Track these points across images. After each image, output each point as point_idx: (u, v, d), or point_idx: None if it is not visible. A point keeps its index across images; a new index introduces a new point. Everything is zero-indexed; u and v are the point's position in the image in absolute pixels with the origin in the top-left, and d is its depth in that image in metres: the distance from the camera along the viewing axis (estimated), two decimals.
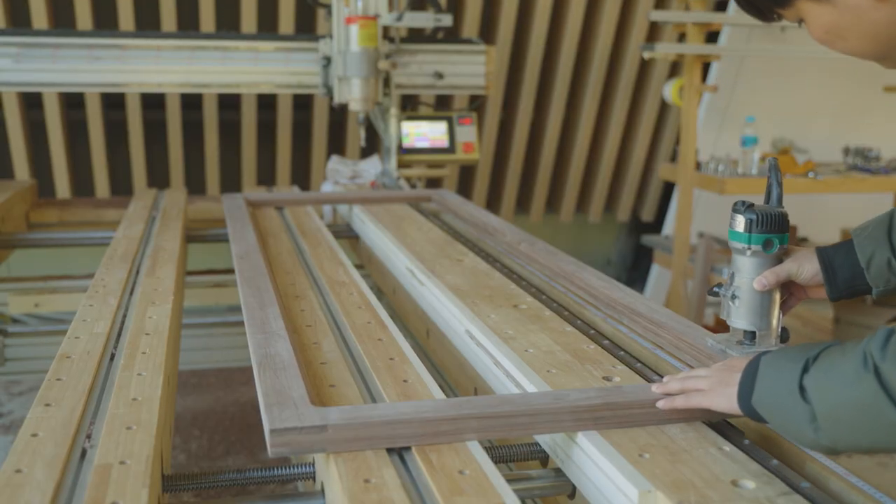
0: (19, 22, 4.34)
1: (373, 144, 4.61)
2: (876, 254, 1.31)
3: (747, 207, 1.32)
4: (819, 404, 1.00)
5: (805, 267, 1.34)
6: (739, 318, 1.36)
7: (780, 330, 1.37)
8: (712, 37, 4.83)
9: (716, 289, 1.40)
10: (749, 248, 1.32)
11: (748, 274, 1.34)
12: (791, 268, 1.34)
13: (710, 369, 1.20)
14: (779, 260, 1.35)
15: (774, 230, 1.31)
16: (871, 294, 1.33)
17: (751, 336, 1.37)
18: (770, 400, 1.06)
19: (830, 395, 0.99)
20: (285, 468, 1.22)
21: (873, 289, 1.33)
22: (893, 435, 0.96)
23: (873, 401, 0.95)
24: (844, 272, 1.33)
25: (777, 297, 1.35)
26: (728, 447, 1.15)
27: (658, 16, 4.14)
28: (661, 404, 1.20)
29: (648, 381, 1.37)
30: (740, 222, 1.32)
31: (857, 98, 5.20)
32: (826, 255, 1.34)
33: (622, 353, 1.52)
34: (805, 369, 1.03)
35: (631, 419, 1.21)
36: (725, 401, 1.13)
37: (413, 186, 3.48)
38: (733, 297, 1.36)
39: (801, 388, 1.02)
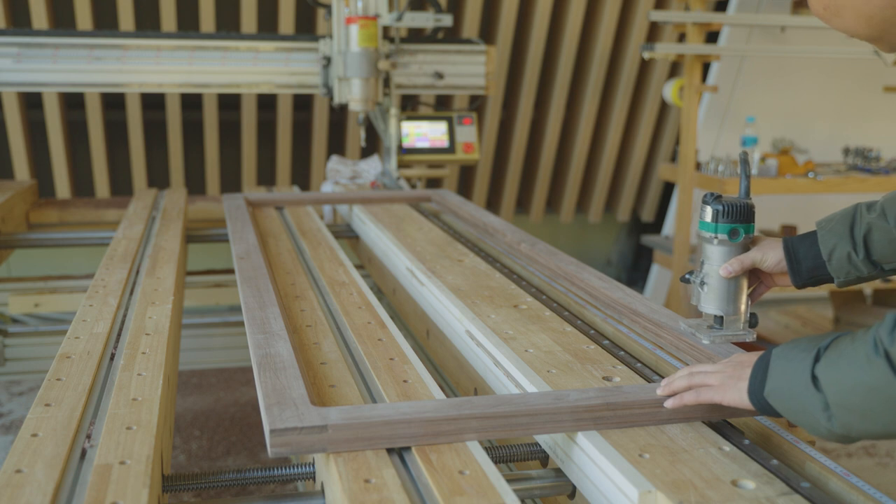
0: (20, 22, 4.34)
1: (373, 144, 4.62)
2: (837, 247, 1.37)
3: (715, 199, 1.39)
4: (831, 392, 1.01)
5: (769, 255, 1.40)
6: (708, 303, 1.43)
7: (748, 315, 1.43)
8: (712, 37, 4.83)
9: (687, 276, 1.46)
10: (716, 237, 1.40)
11: (716, 261, 1.41)
12: (756, 256, 1.40)
13: (716, 365, 1.21)
14: (745, 248, 1.41)
15: (740, 220, 1.38)
16: (833, 283, 1.40)
17: (719, 320, 1.43)
18: (783, 391, 1.07)
19: (842, 382, 1.00)
20: (285, 468, 1.22)
21: (835, 279, 1.39)
22: None
23: (884, 385, 0.96)
24: (808, 262, 1.39)
25: (744, 283, 1.42)
26: (728, 447, 1.15)
27: (658, 16, 4.14)
28: (669, 403, 1.20)
29: (648, 381, 1.37)
30: (708, 213, 1.40)
31: (858, 98, 5.21)
32: (791, 246, 1.40)
33: (622, 353, 1.52)
34: (816, 359, 1.04)
35: (631, 419, 1.21)
36: (737, 395, 1.14)
37: (413, 186, 3.48)
38: (702, 283, 1.43)
39: (814, 378, 1.03)
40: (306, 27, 4.67)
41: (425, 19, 3.41)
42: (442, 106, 4.81)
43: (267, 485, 2.90)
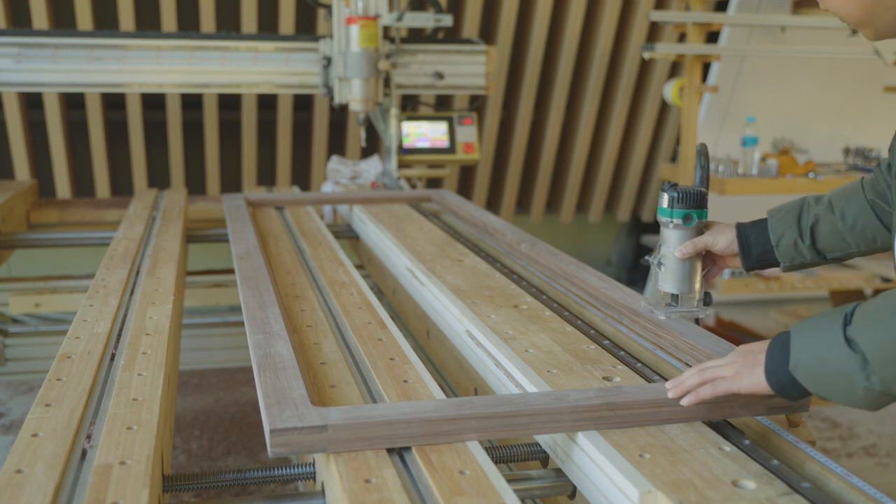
0: (20, 22, 4.34)
1: (373, 144, 4.62)
2: (785, 235, 1.50)
3: (671, 187, 1.51)
4: (870, 349, 1.02)
5: (719, 238, 1.52)
6: (665, 282, 1.55)
7: (702, 294, 1.55)
8: (712, 37, 4.83)
9: (647, 257, 1.58)
10: (672, 222, 1.52)
11: (672, 244, 1.53)
12: (708, 239, 1.52)
13: (724, 359, 1.22)
14: (699, 232, 1.53)
15: (693, 206, 1.50)
16: (779, 267, 1.52)
17: (675, 298, 1.55)
18: (811, 362, 1.09)
19: (881, 335, 1.02)
20: (286, 468, 1.22)
21: (781, 263, 1.52)
22: None
23: None
24: (758, 247, 1.52)
25: (698, 264, 1.54)
26: (728, 447, 1.15)
27: (658, 16, 4.14)
28: (686, 401, 1.20)
29: (649, 382, 1.37)
30: (665, 199, 1.52)
31: (858, 98, 5.21)
32: (743, 231, 1.52)
33: (622, 353, 1.52)
34: (846, 322, 1.06)
35: (631, 419, 1.21)
36: (754, 380, 1.15)
37: (413, 186, 3.48)
38: (660, 264, 1.55)
39: (848, 340, 1.05)
40: (306, 27, 4.67)
41: (425, 19, 3.41)
42: (442, 106, 4.81)
43: (267, 485, 2.90)
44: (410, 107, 4.19)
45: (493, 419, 1.17)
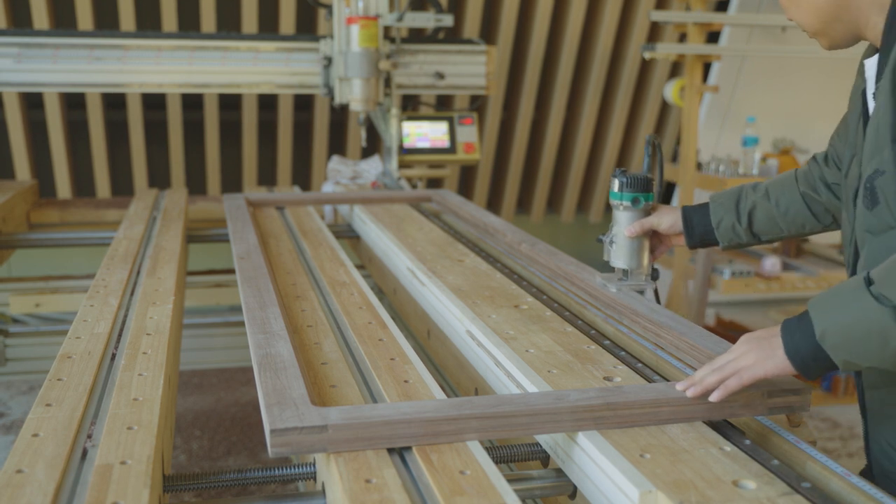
0: (20, 22, 4.34)
1: (373, 144, 4.62)
2: (725, 218, 1.65)
3: (622, 173, 1.68)
4: None
5: (664, 219, 1.68)
6: (617, 258, 1.72)
7: (650, 269, 1.71)
8: (713, 37, 4.83)
9: (601, 237, 1.74)
10: (622, 204, 1.68)
11: (622, 224, 1.69)
12: (653, 220, 1.68)
13: (735, 350, 1.22)
14: (646, 214, 1.69)
15: (640, 190, 1.67)
16: (719, 247, 1.69)
17: (626, 273, 1.72)
18: (840, 327, 1.11)
19: None
20: (286, 468, 1.22)
21: (720, 243, 1.68)
22: None
23: None
24: (700, 228, 1.68)
25: (646, 243, 1.70)
26: (729, 447, 1.15)
27: (659, 16, 4.14)
28: (715, 396, 1.21)
29: (649, 382, 1.37)
30: (615, 184, 1.69)
31: None
32: (687, 213, 1.69)
33: (623, 353, 1.52)
34: (869, 283, 1.11)
35: (631, 419, 1.21)
36: (778, 362, 1.17)
37: (414, 186, 3.48)
38: (612, 242, 1.71)
39: (876, 298, 1.08)
40: (307, 27, 4.67)
41: (426, 19, 3.41)
42: (443, 106, 4.81)
43: (268, 485, 2.90)
44: (411, 107, 4.18)
45: (493, 419, 1.17)
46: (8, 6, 4.23)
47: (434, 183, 4.66)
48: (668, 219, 1.68)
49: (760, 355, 1.19)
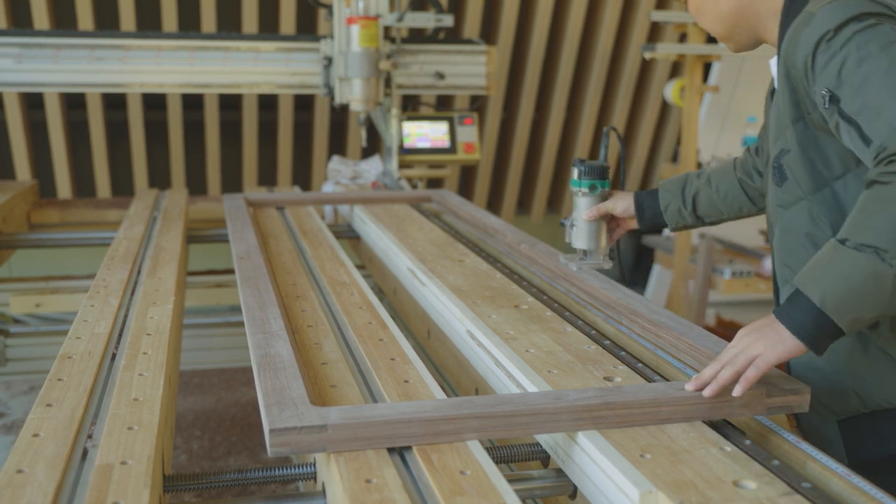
0: (21, 22, 4.34)
1: (374, 145, 4.62)
2: (671, 202, 1.81)
3: (580, 162, 1.83)
4: (877, 239, 1.16)
5: (619, 204, 1.83)
6: (577, 240, 1.87)
7: (608, 249, 1.88)
8: (713, 37, 4.83)
9: (563, 221, 1.90)
10: (581, 191, 1.83)
11: (581, 209, 1.84)
12: (609, 205, 1.83)
13: (738, 344, 1.25)
14: (603, 199, 1.83)
15: (596, 178, 1.82)
16: (667, 229, 1.84)
17: (585, 253, 1.88)
18: (836, 286, 1.18)
19: (879, 225, 1.16)
20: (286, 468, 1.22)
21: (668, 225, 1.83)
22: None
23: None
24: (650, 211, 1.83)
25: (603, 225, 1.86)
26: (729, 447, 1.15)
27: (659, 16, 4.14)
28: (738, 390, 1.22)
29: (649, 382, 1.37)
30: (575, 172, 1.84)
31: None
32: (639, 198, 1.84)
33: (623, 353, 1.52)
34: (842, 242, 1.19)
35: (630, 419, 1.21)
36: (788, 344, 1.22)
37: (414, 187, 3.48)
38: (572, 225, 1.87)
39: (855, 249, 1.17)
40: (307, 27, 4.67)
41: (426, 19, 3.41)
42: (443, 106, 4.81)
43: (268, 485, 2.90)
44: (411, 107, 4.19)
45: (492, 419, 1.17)
46: (8, 6, 4.23)
47: (434, 183, 4.67)
48: (622, 203, 1.84)
49: (768, 342, 1.22)
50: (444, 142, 3.55)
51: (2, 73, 3.23)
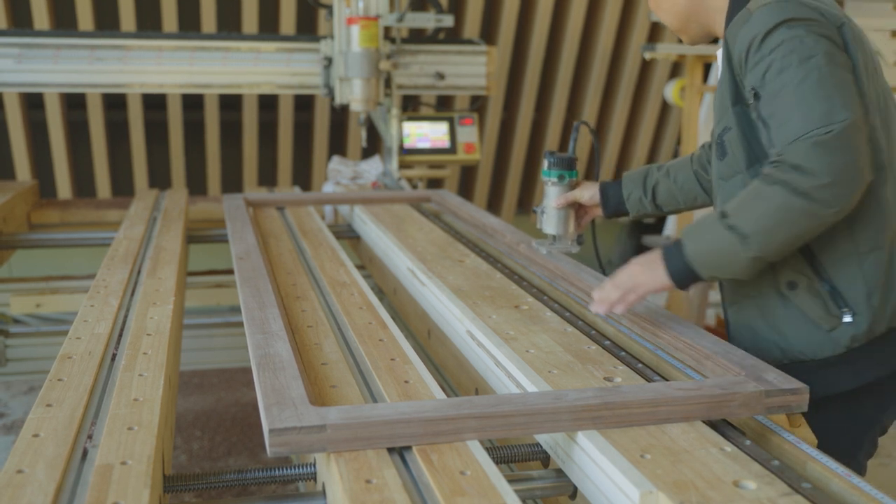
0: (21, 22, 4.34)
1: (374, 145, 4.62)
2: (633, 192, 1.94)
3: (551, 154, 1.95)
4: (747, 227, 1.38)
5: (585, 193, 1.94)
6: (548, 226, 1.97)
7: (575, 235, 1.99)
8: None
9: (535, 209, 2.00)
10: (550, 180, 1.94)
11: (551, 197, 1.95)
12: (576, 193, 1.94)
13: (628, 269, 1.53)
14: (571, 188, 1.94)
15: (564, 168, 1.93)
16: (629, 216, 1.98)
17: (554, 238, 1.98)
18: (703, 251, 1.44)
19: (753, 215, 1.38)
20: (286, 469, 1.22)
21: (630, 213, 1.96)
22: (805, 220, 1.36)
23: (781, 201, 1.35)
24: (614, 200, 1.96)
25: (571, 212, 1.96)
26: (729, 448, 1.15)
27: None
28: (619, 309, 1.53)
29: (649, 382, 1.37)
30: (545, 164, 1.96)
31: None
32: (604, 188, 1.97)
33: (623, 353, 1.52)
34: (723, 216, 1.41)
35: (629, 418, 1.21)
36: (663, 279, 1.49)
37: (414, 187, 3.48)
38: (543, 212, 1.97)
39: (729, 228, 1.39)
40: (307, 28, 4.67)
41: (426, 20, 3.41)
42: (443, 106, 4.81)
43: (268, 485, 2.90)
44: (411, 107, 4.18)
45: (491, 419, 1.17)
46: (8, 6, 4.23)
47: (434, 183, 4.67)
48: (588, 192, 1.96)
49: (648, 274, 1.50)
50: (444, 142, 3.55)
51: (2, 73, 3.23)
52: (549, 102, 5.13)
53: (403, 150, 3.49)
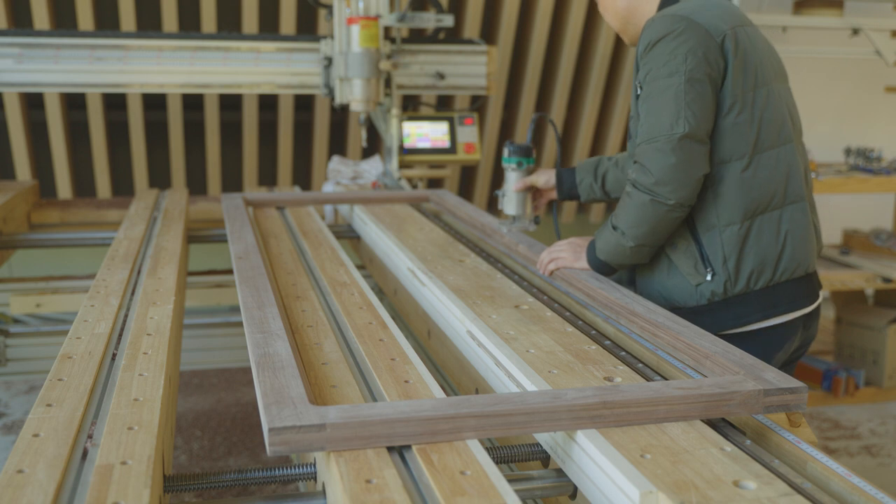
0: (21, 22, 4.34)
1: (374, 145, 4.62)
2: (585, 179, 2.21)
3: (510, 143, 2.22)
4: (622, 224, 1.80)
5: (541, 178, 2.23)
6: (508, 208, 2.25)
7: (532, 216, 2.26)
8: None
9: (496, 192, 2.27)
10: (509, 166, 2.21)
11: (511, 182, 2.22)
12: (533, 178, 2.23)
13: (561, 245, 1.96)
14: (528, 173, 2.23)
15: (522, 156, 2.20)
16: (580, 200, 2.25)
17: (514, 219, 2.25)
18: (603, 245, 1.85)
19: (625, 216, 1.79)
20: (286, 468, 1.22)
21: (581, 197, 2.23)
22: (654, 211, 1.74)
23: (638, 199, 1.76)
24: (567, 185, 2.23)
25: (529, 196, 2.25)
26: (729, 447, 1.15)
27: None
28: (544, 271, 1.96)
29: (649, 381, 1.37)
30: (505, 151, 2.23)
31: (859, 99, 5.20)
32: (559, 173, 2.23)
33: (623, 353, 1.52)
34: (612, 220, 1.82)
35: (628, 418, 1.21)
36: (583, 263, 1.91)
37: (414, 187, 3.48)
38: (503, 195, 2.25)
39: (614, 227, 1.82)
40: (307, 28, 4.67)
41: (426, 20, 3.41)
42: (443, 106, 4.81)
43: (268, 485, 2.90)
44: (411, 107, 4.18)
45: (490, 418, 1.17)
46: (8, 6, 4.23)
47: (434, 183, 4.66)
48: (544, 177, 2.22)
49: (574, 256, 1.92)
50: (444, 142, 3.55)
51: (2, 73, 3.23)
52: (550, 102, 5.13)
53: (403, 150, 3.49)
